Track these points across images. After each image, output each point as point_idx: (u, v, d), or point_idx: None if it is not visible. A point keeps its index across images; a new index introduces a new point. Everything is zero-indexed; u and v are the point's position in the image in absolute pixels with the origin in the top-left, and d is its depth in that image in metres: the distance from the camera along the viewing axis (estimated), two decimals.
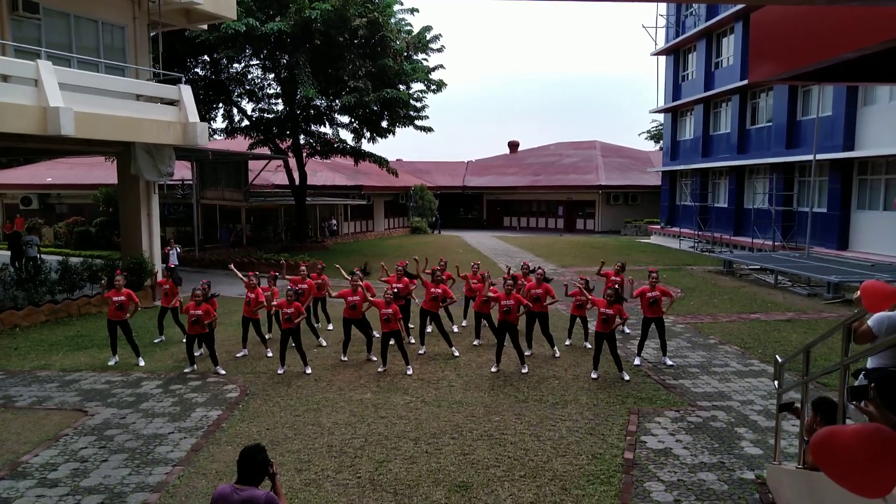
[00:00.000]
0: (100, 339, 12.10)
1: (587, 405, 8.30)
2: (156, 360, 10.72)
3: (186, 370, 10.02)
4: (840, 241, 21.09)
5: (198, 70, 26.65)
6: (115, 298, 10.22)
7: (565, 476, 6.24)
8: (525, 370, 9.78)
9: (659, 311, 10.02)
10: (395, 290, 10.59)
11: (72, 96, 12.38)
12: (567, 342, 11.53)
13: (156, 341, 11.88)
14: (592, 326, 10.77)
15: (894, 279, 13.87)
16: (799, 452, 5.31)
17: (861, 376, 4.37)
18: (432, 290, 10.90)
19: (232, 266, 12.17)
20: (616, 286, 10.07)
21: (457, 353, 10.79)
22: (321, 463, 6.59)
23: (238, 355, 10.88)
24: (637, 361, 10.28)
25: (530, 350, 10.83)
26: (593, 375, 9.54)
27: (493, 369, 9.88)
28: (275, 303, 10.46)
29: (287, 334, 9.99)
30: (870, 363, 4.31)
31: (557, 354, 10.73)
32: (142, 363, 10.43)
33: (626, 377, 9.40)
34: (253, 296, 10.79)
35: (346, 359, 10.58)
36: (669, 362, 10.20)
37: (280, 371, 9.92)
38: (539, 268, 11.44)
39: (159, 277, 15.59)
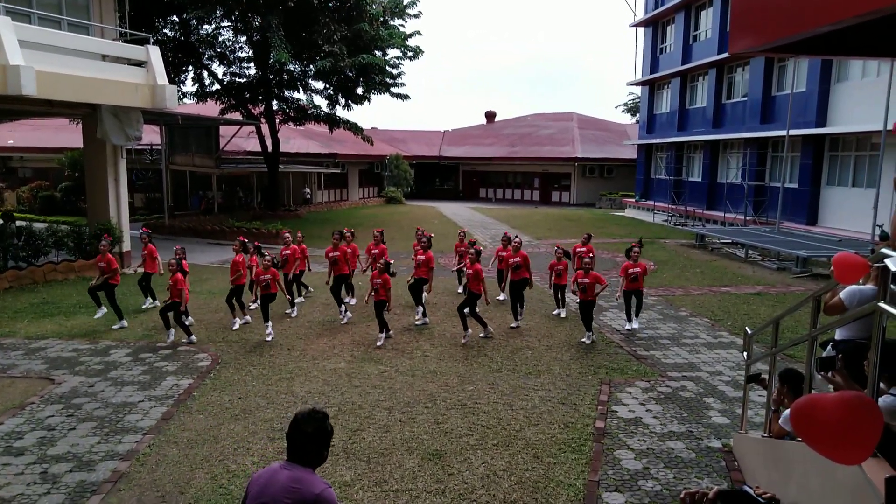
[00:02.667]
0: (66, 306, 11.85)
1: (560, 375, 8.39)
2: (125, 328, 10.52)
3: (192, 339, 9.76)
4: (809, 216, 21.48)
5: (166, 31, 25.78)
6: (101, 264, 10.46)
7: (537, 444, 6.32)
8: (465, 341, 9.84)
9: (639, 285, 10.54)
10: (385, 261, 10.32)
11: (33, 55, 11.89)
12: (557, 312, 11.60)
13: (144, 307, 11.84)
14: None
15: (862, 254, 14.18)
16: (765, 422, 5.43)
17: (829, 348, 4.46)
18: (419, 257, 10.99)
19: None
20: (590, 256, 10.23)
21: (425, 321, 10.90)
22: None
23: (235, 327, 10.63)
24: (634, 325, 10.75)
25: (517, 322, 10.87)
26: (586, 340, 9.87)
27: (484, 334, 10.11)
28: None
29: (266, 300, 9.98)
30: (838, 335, 4.39)
31: (514, 325, 10.75)
32: (125, 324, 10.52)
33: (588, 341, 9.83)
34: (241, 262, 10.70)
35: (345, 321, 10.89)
36: (635, 326, 10.71)
37: (268, 335, 9.90)
38: (516, 237, 11.51)
39: (126, 246, 15.36)
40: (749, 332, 6.25)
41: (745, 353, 6.31)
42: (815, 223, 21.33)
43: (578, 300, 10.04)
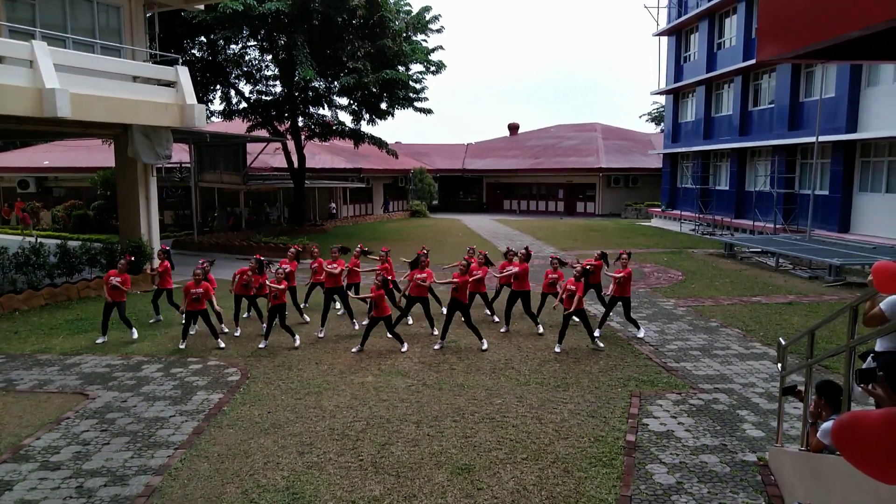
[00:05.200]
0: (99, 322, 12.07)
1: (589, 388, 8.30)
2: (156, 343, 10.71)
3: (181, 346, 10.35)
4: (841, 223, 21.03)
5: (195, 51, 26.38)
6: (115, 280, 10.60)
7: (567, 458, 6.24)
8: (485, 347, 10.15)
9: (626, 291, 10.62)
10: (383, 277, 10.52)
11: (67, 78, 12.25)
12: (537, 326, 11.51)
13: (151, 322, 12.08)
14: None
15: None
16: (802, 435, 5.30)
17: (869, 359, 4.33)
18: (417, 275, 10.75)
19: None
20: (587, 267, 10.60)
21: (435, 332, 11.04)
22: (323, 446, 6.58)
23: (237, 334, 11.20)
24: (597, 333, 10.68)
25: (507, 328, 11.23)
26: (556, 349, 10.03)
27: (437, 346, 10.26)
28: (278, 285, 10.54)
29: (273, 311, 10.30)
30: (878, 346, 4.27)
31: (541, 331, 11.04)
32: (135, 335, 10.83)
33: (601, 345, 10.16)
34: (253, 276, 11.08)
35: (321, 335, 10.97)
36: (641, 334, 10.82)
37: (262, 345, 10.37)
38: (525, 248, 11.59)
39: (155, 262, 15.63)
40: (783, 342, 6.11)
41: (779, 365, 6.17)
42: (848, 230, 20.87)
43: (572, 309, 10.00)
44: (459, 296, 10.08)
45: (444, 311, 11.44)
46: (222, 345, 10.32)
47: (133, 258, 12.46)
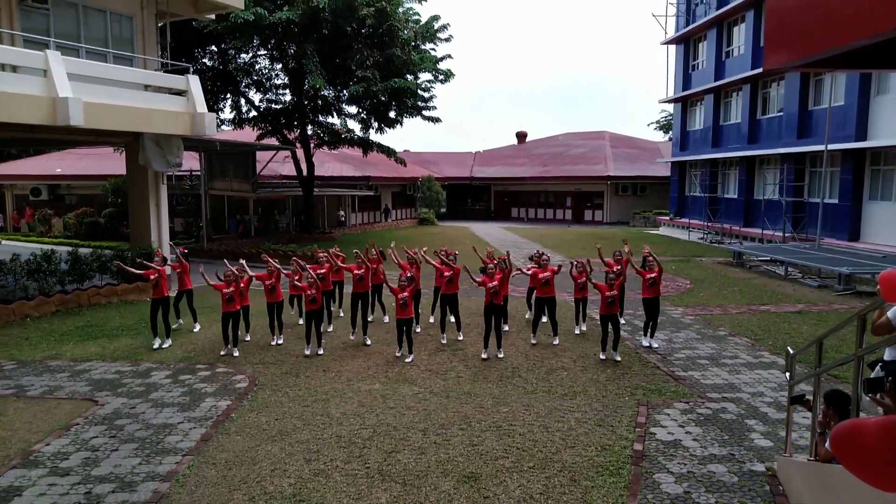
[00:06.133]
0: (109, 328, 12.18)
1: (596, 397, 8.27)
2: (164, 350, 10.75)
3: (223, 352, 10.36)
4: (851, 232, 20.90)
5: (205, 60, 26.65)
6: (152, 277, 10.69)
7: (574, 467, 6.22)
8: (501, 355, 10.13)
9: (656, 291, 10.50)
10: (410, 276, 10.52)
11: (80, 86, 12.39)
12: (577, 330, 11.66)
13: (174, 327, 11.97)
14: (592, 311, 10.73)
15: None
16: (810, 445, 5.26)
17: (878, 368, 4.31)
18: (446, 273, 11.14)
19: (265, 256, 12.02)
20: (616, 270, 10.53)
21: (461, 338, 11.15)
22: (330, 453, 6.59)
23: (273, 343, 11.05)
24: (645, 342, 10.69)
25: (535, 339, 11.07)
26: (602, 356, 9.90)
27: (499, 355, 10.14)
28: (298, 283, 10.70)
29: (311, 316, 10.31)
30: (887, 355, 4.25)
31: (556, 342, 10.91)
32: (160, 344, 10.77)
33: (618, 358, 9.82)
34: (272, 280, 10.95)
35: (353, 337, 11.20)
36: (655, 345, 10.60)
37: (307, 352, 10.33)
38: (544, 254, 11.50)
39: (167, 269, 15.69)
40: (791, 351, 6.08)
41: (787, 374, 6.14)
42: (858, 239, 20.73)
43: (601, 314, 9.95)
44: (497, 300, 10.01)
45: (447, 317, 11.47)
46: (236, 353, 10.32)
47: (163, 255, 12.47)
